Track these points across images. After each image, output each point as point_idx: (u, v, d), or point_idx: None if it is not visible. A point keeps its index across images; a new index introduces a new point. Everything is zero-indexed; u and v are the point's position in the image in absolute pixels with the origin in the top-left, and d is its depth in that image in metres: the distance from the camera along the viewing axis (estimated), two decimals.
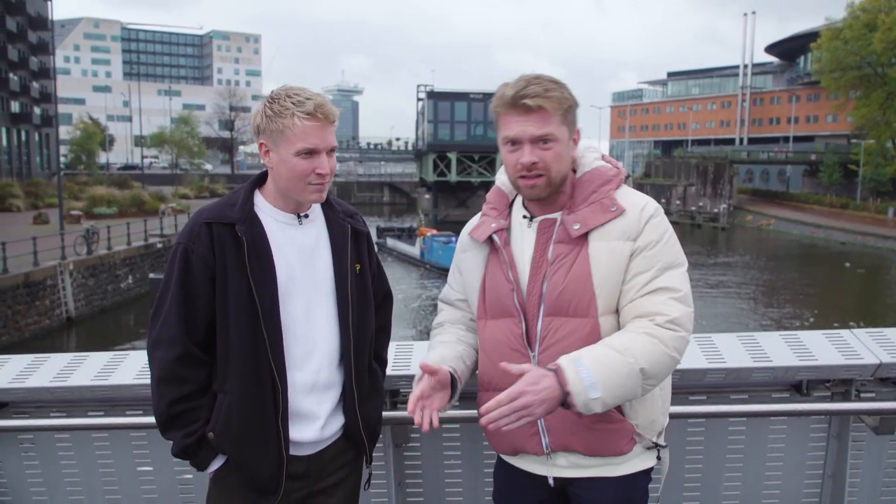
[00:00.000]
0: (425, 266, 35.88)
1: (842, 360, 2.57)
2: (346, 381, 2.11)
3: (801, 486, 2.76)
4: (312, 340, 2.06)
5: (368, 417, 2.17)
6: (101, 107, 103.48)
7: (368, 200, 78.75)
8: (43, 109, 58.53)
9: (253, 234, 1.96)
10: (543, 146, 1.90)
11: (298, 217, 2.07)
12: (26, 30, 55.56)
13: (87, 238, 23.86)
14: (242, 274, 1.94)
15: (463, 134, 54.19)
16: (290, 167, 1.94)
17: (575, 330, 1.90)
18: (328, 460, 2.13)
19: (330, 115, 1.95)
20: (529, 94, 1.87)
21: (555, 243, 1.94)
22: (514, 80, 1.92)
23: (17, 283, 19.78)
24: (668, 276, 1.89)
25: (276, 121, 1.92)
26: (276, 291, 1.98)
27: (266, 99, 1.98)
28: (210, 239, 1.95)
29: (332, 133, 1.98)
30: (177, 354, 1.94)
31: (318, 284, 2.07)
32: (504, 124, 1.93)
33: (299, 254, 2.05)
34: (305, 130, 1.91)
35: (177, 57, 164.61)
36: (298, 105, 1.90)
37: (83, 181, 46.07)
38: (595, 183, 1.96)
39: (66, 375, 2.63)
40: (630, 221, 1.91)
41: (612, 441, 1.94)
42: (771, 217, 54.16)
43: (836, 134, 67.65)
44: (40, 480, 2.79)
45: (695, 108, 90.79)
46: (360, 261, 2.15)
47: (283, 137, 1.92)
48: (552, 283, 1.92)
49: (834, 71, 52.61)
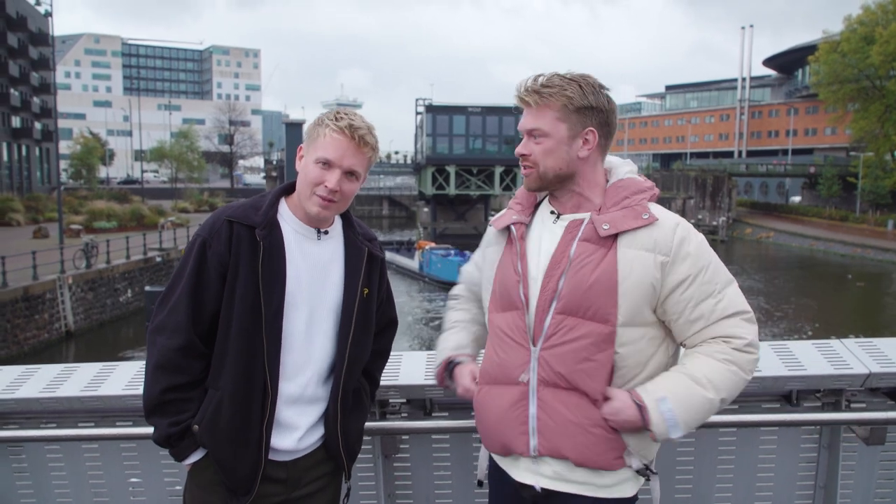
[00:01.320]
0: (424, 279, 35.88)
1: (831, 370, 2.57)
2: (332, 399, 2.12)
3: (792, 498, 2.76)
4: (308, 354, 2.07)
5: (349, 436, 2.17)
6: (101, 121, 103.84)
7: (367, 214, 78.76)
8: (44, 124, 58.74)
9: (271, 241, 2.00)
10: (535, 140, 1.95)
11: (318, 232, 2.10)
12: (27, 45, 55.83)
13: (86, 252, 23.89)
14: (253, 277, 1.97)
15: (461, 147, 54.28)
16: (306, 171, 2.03)
17: (589, 334, 1.87)
18: (307, 468, 2.13)
19: (360, 138, 2.01)
20: (525, 89, 1.94)
21: (580, 241, 1.91)
22: (534, 74, 1.97)
23: (16, 296, 19.79)
24: (730, 296, 1.90)
25: (315, 128, 2.04)
26: (283, 300, 2.00)
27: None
28: (229, 237, 1.98)
29: (356, 156, 2.02)
30: (180, 343, 1.96)
31: (324, 301, 2.09)
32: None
33: (312, 267, 2.07)
34: (331, 142, 2.00)
35: (177, 72, 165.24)
36: (336, 120, 2.01)
37: (83, 195, 46.18)
38: (629, 189, 1.96)
39: (56, 386, 2.63)
40: (662, 235, 1.88)
41: (603, 451, 1.90)
42: (770, 230, 54.21)
43: (835, 147, 67.82)
44: (31, 492, 2.78)
45: (693, 122, 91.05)
46: (370, 285, 2.17)
47: (313, 144, 2.03)
48: (575, 281, 1.88)
49: (832, 84, 52.81)
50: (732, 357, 1.87)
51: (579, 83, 1.92)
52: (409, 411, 2.68)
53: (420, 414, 2.66)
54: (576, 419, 1.89)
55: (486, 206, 58.09)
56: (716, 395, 1.85)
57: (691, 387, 1.85)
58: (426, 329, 26.14)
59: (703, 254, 1.90)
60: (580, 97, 1.91)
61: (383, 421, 2.64)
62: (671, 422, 1.84)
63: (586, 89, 1.92)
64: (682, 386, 1.86)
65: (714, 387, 1.85)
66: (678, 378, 1.88)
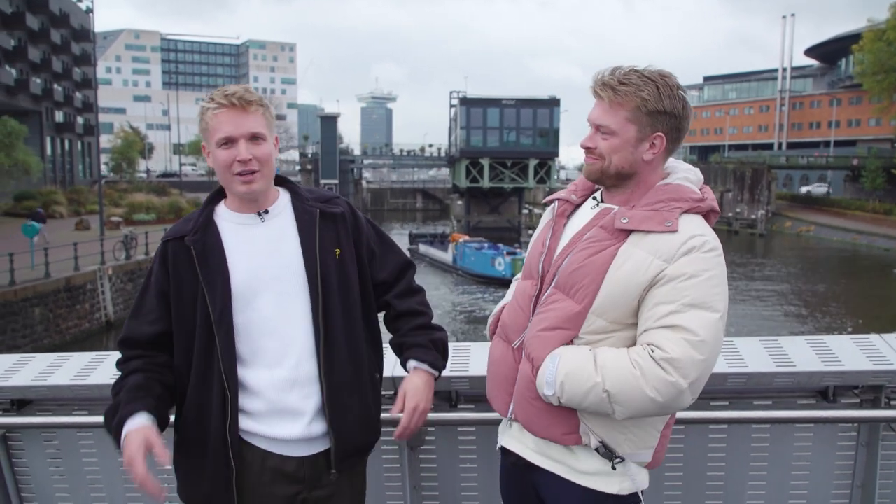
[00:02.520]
0: (457, 272, 35.86)
1: (870, 366, 2.49)
2: (322, 374, 2.03)
3: (828, 497, 2.68)
4: (288, 336, 2.02)
5: (340, 417, 2.04)
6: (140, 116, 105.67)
7: (401, 207, 79.02)
8: (85, 119, 59.99)
9: (204, 242, 2.00)
10: (602, 135, 1.91)
11: (259, 214, 2.06)
12: (70, 42, 57.00)
13: (125, 244, 24.38)
14: (195, 282, 1.98)
15: (495, 140, 54.09)
16: (216, 160, 1.99)
17: (562, 308, 1.89)
18: (327, 466, 2.06)
19: (239, 100, 1.95)
20: (601, 83, 1.89)
21: (598, 227, 1.91)
22: (613, 67, 1.92)
23: (58, 287, 20.27)
24: (690, 315, 1.76)
25: (201, 120, 2.00)
26: (230, 295, 1.98)
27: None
28: (164, 258, 2.03)
29: (249, 119, 1.96)
30: (116, 360, 2.07)
31: (288, 278, 2.02)
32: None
33: (261, 251, 2.03)
34: (220, 119, 1.96)
35: (214, 66, 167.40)
36: (213, 99, 1.97)
37: (123, 188, 47.11)
38: (669, 195, 1.89)
39: (87, 374, 2.67)
40: (669, 243, 1.81)
41: (548, 424, 1.93)
42: (811, 223, 53.02)
43: (880, 138, 65.98)
44: (63, 477, 2.84)
45: (732, 113, 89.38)
46: (340, 245, 2.08)
47: (207, 133, 1.99)
48: (572, 260, 1.91)
49: (877, 73, 51.37)
50: (643, 363, 1.75)
51: (657, 84, 1.85)
52: (434, 403, 2.65)
53: (446, 406, 2.65)
54: (524, 389, 1.95)
55: (519, 199, 57.86)
56: (601, 381, 1.77)
57: (587, 362, 1.82)
58: (456, 321, 26.16)
59: (696, 265, 1.79)
60: (655, 100, 1.84)
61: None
62: (549, 377, 1.85)
63: (663, 91, 1.85)
64: (580, 357, 1.83)
65: (603, 374, 1.78)
66: (583, 351, 1.85)
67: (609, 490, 1.93)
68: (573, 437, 1.91)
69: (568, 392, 1.82)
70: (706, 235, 1.84)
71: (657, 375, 1.74)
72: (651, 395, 1.74)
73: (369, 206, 74.73)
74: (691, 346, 1.74)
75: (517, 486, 2.13)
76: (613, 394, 1.77)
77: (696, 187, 1.95)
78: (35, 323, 19.27)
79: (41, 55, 50.83)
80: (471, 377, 2.54)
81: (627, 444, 1.91)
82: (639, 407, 1.77)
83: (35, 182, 41.10)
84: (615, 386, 1.76)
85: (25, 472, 2.85)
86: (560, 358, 1.85)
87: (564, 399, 1.84)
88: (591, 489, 1.93)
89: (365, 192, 74.58)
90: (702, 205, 1.90)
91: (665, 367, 1.74)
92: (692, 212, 1.88)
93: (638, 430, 1.91)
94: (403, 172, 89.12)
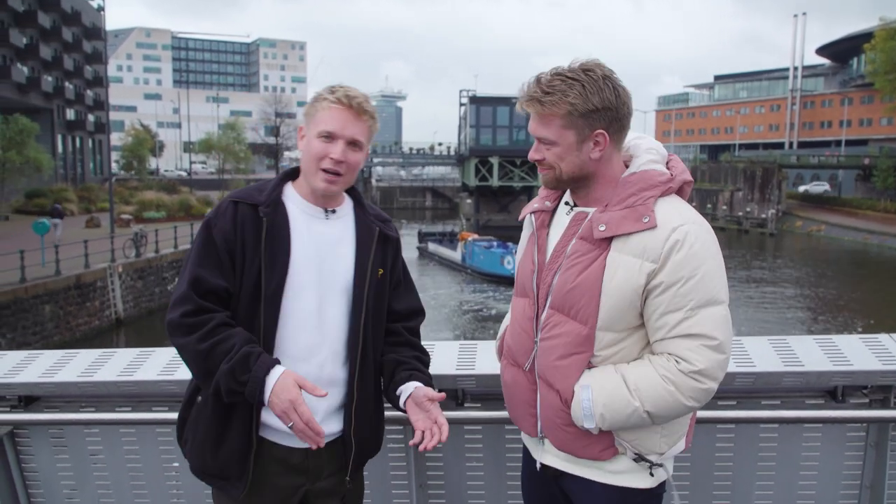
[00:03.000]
0: (467, 271, 35.86)
1: (879, 366, 2.47)
2: (349, 380, 2.09)
3: (837, 497, 2.66)
4: (321, 335, 2.05)
5: (362, 421, 2.12)
6: (151, 114, 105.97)
7: (411, 205, 79.09)
8: (96, 117, 60.34)
9: (275, 218, 2.00)
10: (545, 146, 1.90)
11: (326, 211, 2.08)
12: (81, 40, 57.32)
13: (135, 241, 24.49)
14: (256, 255, 1.97)
15: (505, 139, 54.09)
16: (309, 148, 2.03)
17: (569, 332, 1.88)
18: (329, 459, 2.10)
19: (357, 105, 2.01)
20: (527, 98, 1.87)
21: (578, 238, 1.89)
22: (536, 75, 1.88)
23: (69, 284, 20.39)
24: (702, 318, 1.78)
25: (312, 105, 2.04)
26: (285, 279, 1.98)
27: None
28: (234, 216, 1.98)
29: (357, 126, 2.02)
30: (184, 311, 1.90)
31: (336, 282, 2.07)
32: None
33: (321, 247, 2.05)
34: (330, 114, 2.00)
35: (225, 65, 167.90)
36: (332, 93, 2.01)
37: (133, 186, 47.32)
38: (637, 186, 1.85)
39: (94, 371, 2.68)
40: (654, 241, 1.78)
41: (584, 446, 1.93)
42: (821, 223, 52.69)
43: (891, 137, 65.54)
44: (70, 474, 2.85)
45: (742, 112, 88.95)
46: (384, 266, 2.15)
47: (312, 120, 2.03)
48: (563, 279, 1.89)
49: (889, 72, 51.01)
50: (675, 378, 1.79)
51: (582, 83, 1.80)
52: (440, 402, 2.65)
53: (452, 404, 2.64)
54: (552, 416, 1.94)
55: (529, 198, 57.38)
56: (640, 405, 1.80)
57: (619, 387, 1.82)
58: (464, 320, 26.17)
59: (690, 264, 1.77)
60: (584, 101, 1.80)
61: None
62: (587, 411, 1.84)
63: (590, 89, 1.80)
64: (611, 383, 1.83)
65: (640, 397, 1.80)
66: (611, 375, 1.85)
67: (643, 485, 1.95)
68: (611, 451, 1.92)
69: (609, 420, 1.84)
70: (686, 223, 1.80)
71: (691, 386, 1.79)
72: (689, 403, 1.81)
73: (379, 204, 74.64)
74: (713, 351, 1.79)
75: (545, 491, 2.12)
76: (654, 412, 1.82)
77: (662, 165, 1.93)
78: (45, 320, 19.39)
79: (53, 53, 51.15)
80: (477, 376, 2.54)
81: (664, 441, 1.93)
82: (678, 414, 1.86)
83: (46, 180, 41.36)
84: (655, 405, 1.81)
85: (33, 468, 2.86)
86: (592, 389, 1.84)
87: (606, 426, 1.86)
88: (625, 487, 1.94)
89: (374, 190, 74.72)
90: (672, 184, 1.88)
91: (696, 377, 1.79)
92: (666, 194, 1.86)
93: (671, 426, 1.94)
94: (413, 171, 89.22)
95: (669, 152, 2.00)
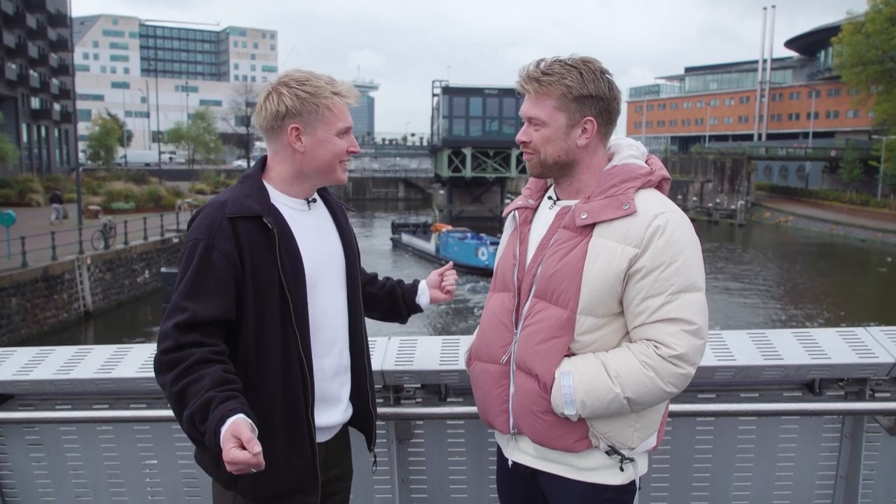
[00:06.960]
0: (441, 262, 35.75)
1: (856, 359, 2.52)
2: (358, 360, 2.12)
3: (813, 488, 2.71)
4: (334, 324, 2.06)
5: (373, 395, 2.21)
6: (119, 103, 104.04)
7: (383, 196, 78.75)
8: (62, 105, 59.07)
9: (279, 225, 1.91)
10: (534, 127, 1.94)
11: (307, 202, 2.05)
12: (46, 27, 55.99)
13: (104, 233, 24.07)
14: (273, 268, 1.87)
15: (478, 130, 54.00)
16: (329, 147, 1.95)
17: (550, 317, 1.90)
18: (336, 448, 2.13)
19: (355, 94, 1.99)
20: (525, 77, 1.93)
21: (561, 228, 1.93)
22: (537, 59, 1.95)
23: (35, 276, 19.99)
24: (682, 302, 1.82)
25: (313, 102, 1.91)
26: (305, 283, 1.94)
27: (282, 83, 1.92)
28: (234, 233, 1.84)
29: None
30: (163, 347, 1.75)
31: (337, 268, 2.08)
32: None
33: (316, 240, 2.03)
34: (342, 109, 1.96)
35: (194, 53, 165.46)
36: (331, 84, 1.95)
37: (101, 176, 46.48)
38: (619, 177, 1.91)
39: (70, 368, 2.63)
40: (635, 226, 1.84)
41: (559, 435, 1.93)
42: (789, 214, 53.57)
43: (857, 130, 66.78)
44: (46, 472, 2.80)
45: (713, 104, 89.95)
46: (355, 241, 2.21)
47: (321, 118, 1.93)
48: (546, 266, 1.92)
49: (855, 65, 51.78)
50: (654, 363, 1.82)
51: (580, 70, 1.89)
52: (423, 396, 2.66)
53: (435, 399, 2.64)
54: (529, 405, 1.94)
55: (502, 189, 57.88)
56: (621, 392, 1.83)
57: (600, 373, 1.85)
58: (441, 314, 26.16)
59: (671, 249, 1.82)
60: (580, 85, 1.88)
61: (397, 406, 2.62)
62: (568, 397, 1.86)
63: (586, 77, 1.88)
64: (592, 369, 1.86)
65: (621, 383, 1.83)
66: (592, 362, 1.87)
67: (614, 482, 1.96)
68: (584, 442, 1.93)
69: (590, 407, 1.85)
70: (667, 211, 1.87)
71: (670, 371, 1.82)
72: (668, 389, 1.84)
73: (351, 195, 74.42)
74: (691, 335, 1.83)
75: (519, 490, 2.14)
76: (634, 399, 1.84)
77: (643, 161, 1.99)
78: (12, 313, 19.01)
79: (16, 40, 49.91)
80: (460, 371, 2.54)
81: (637, 435, 1.95)
82: (657, 400, 1.88)
83: (11, 170, 40.48)
84: (635, 391, 1.83)
85: (7, 466, 2.80)
86: (573, 375, 1.85)
87: (587, 413, 1.87)
88: (595, 483, 1.96)
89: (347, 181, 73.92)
90: (652, 177, 1.94)
91: (675, 362, 1.82)
92: (645, 187, 1.92)
93: (643, 419, 1.95)
94: (385, 161, 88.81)
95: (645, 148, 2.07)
